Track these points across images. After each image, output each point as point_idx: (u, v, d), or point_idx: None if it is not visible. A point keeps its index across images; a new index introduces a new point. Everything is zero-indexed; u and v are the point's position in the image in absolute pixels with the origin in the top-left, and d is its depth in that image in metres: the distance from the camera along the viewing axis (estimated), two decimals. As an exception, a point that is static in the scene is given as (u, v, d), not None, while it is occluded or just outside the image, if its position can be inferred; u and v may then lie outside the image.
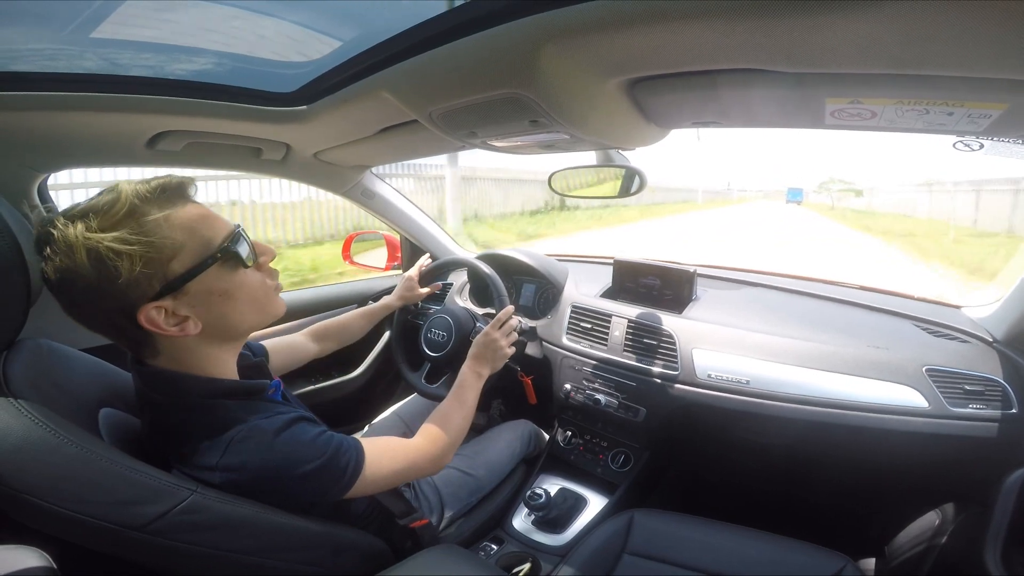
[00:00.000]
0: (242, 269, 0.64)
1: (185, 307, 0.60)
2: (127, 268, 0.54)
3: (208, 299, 0.61)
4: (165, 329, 0.58)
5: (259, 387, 0.71)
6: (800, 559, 0.88)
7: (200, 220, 0.61)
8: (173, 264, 0.58)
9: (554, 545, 1.14)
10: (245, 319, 0.66)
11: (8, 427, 0.51)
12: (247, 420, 0.62)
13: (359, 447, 0.70)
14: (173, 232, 0.58)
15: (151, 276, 0.56)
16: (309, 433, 0.66)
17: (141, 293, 0.56)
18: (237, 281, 0.63)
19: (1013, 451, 0.91)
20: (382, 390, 1.75)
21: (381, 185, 1.55)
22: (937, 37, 0.44)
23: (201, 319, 0.61)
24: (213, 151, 1.10)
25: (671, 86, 0.66)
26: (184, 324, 0.60)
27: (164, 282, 0.57)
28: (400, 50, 0.68)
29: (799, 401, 1.03)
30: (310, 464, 0.63)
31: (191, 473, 0.61)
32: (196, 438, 0.61)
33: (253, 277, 0.66)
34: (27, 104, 0.78)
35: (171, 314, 0.59)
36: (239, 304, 0.64)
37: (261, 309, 0.68)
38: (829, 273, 1.99)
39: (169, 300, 0.58)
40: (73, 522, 0.52)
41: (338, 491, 0.67)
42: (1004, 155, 0.71)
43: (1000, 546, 0.84)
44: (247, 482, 0.61)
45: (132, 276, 0.55)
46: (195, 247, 0.59)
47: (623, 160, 1.07)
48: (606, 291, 1.40)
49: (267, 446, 0.61)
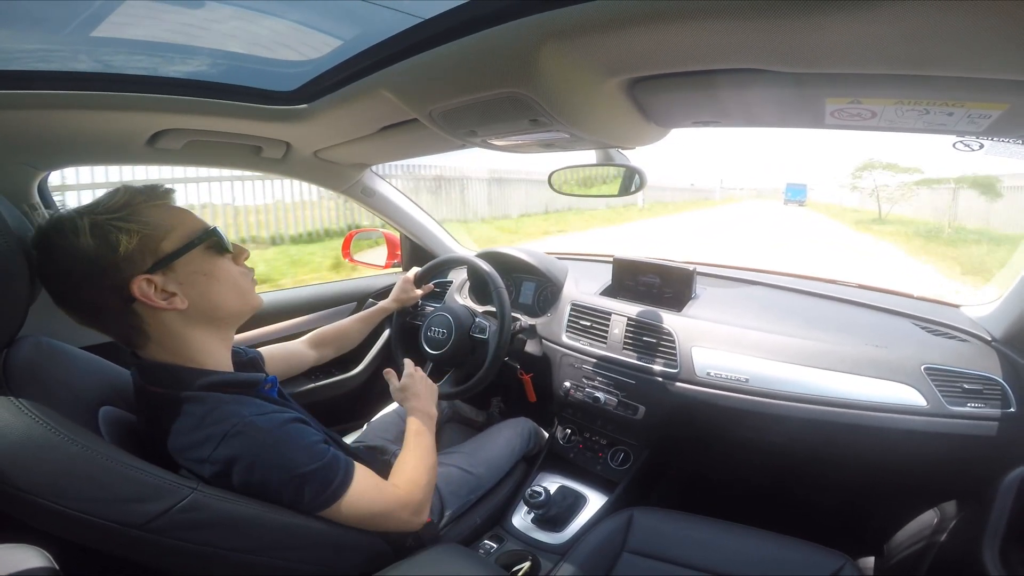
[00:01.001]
0: (224, 256, 0.71)
1: (173, 283, 0.65)
2: (125, 242, 0.61)
3: (194, 278, 0.67)
4: (154, 301, 0.63)
5: (254, 380, 0.73)
6: (799, 558, 0.89)
7: (184, 214, 0.69)
8: (164, 243, 0.64)
9: (554, 543, 1.14)
10: (226, 301, 0.71)
11: (8, 425, 0.51)
12: (242, 415, 0.63)
13: (351, 469, 0.69)
14: (164, 218, 0.65)
15: (144, 252, 0.62)
16: (306, 437, 0.66)
17: (135, 267, 0.62)
18: (219, 265, 0.70)
19: (1011, 450, 0.91)
20: (381, 388, 1.74)
21: (381, 183, 1.55)
22: (937, 37, 0.44)
23: (187, 296, 0.66)
24: (213, 149, 1.10)
25: (671, 86, 0.66)
26: (172, 299, 0.65)
27: (156, 258, 0.63)
28: (400, 49, 0.68)
29: (798, 399, 1.03)
30: (301, 468, 0.63)
31: (186, 465, 0.62)
32: (191, 429, 0.62)
33: (233, 266, 0.72)
34: (27, 103, 0.78)
35: (160, 289, 0.64)
36: (221, 286, 0.70)
37: (241, 296, 0.73)
38: (828, 272, 1.99)
39: (159, 275, 0.63)
40: (73, 520, 0.52)
41: (318, 504, 0.65)
42: (1004, 155, 0.71)
43: (998, 544, 0.84)
44: (236, 476, 0.61)
45: (128, 250, 0.61)
46: (183, 232, 0.67)
47: (623, 159, 1.07)
48: (605, 289, 1.40)
49: (260, 443, 0.62)
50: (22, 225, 0.61)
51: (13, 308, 0.59)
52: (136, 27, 0.73)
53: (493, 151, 1.04)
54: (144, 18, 0.72)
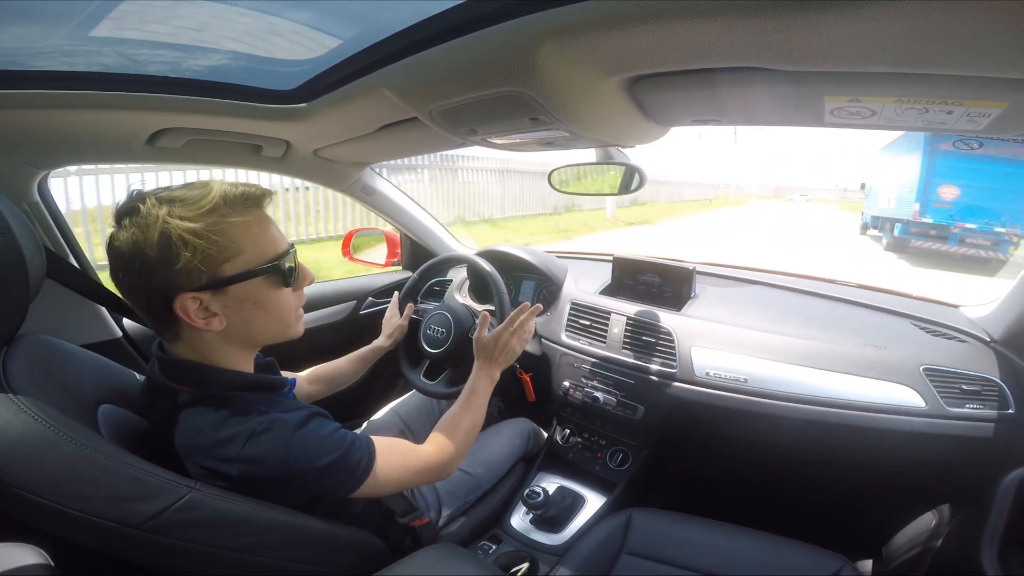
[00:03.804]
0: (282, 288, 0.68)
1: (218, 305, 0.63)
2: (187, 258, 0.58)
3: (242, 305, 0.65)
4: (193, 319, 0.61)
5: (280, 383, 0.74)
6: (798, 559, 0.89)
7: (264, 232, 0.66)
8: (226, 266, 0.62)
9: (552, 544, 1.14)
10: (267, 331, 0.70)
11: (7, 423, 0.51)
12: (268, 413, 0.64)
13: (371, 445, 0.71)
14: (239, 238, 0.62)
15: (202, 271, 0.60)
16: (325, 429, 0.67)
17: (187, 283, 0.60)
18: (273, 296, 0.67)
19: (1010, 451, 0.91)
20: (380, 387, 1.75)
21: (381, 182, 1.55)
22: (936, 36, 0.44)
23: (228, 319, 0.64)
24: (213, 148, 1.10)
25: (671, 84, 0.66)
26: (211, 319, 0.63)
27: (211, 278, 0.61)
28: (400, 48, 0.68)
29: (797, 400, 1.03)
30: (326, 458, 0.64)
31: (209, 465, 0.62)
32: (217, 429, 0.62)
33: (288, 297, 0.69)
34: (27, 102, 0.78)
35: (203, 307, 0.62)
36: (267, 317, 0.68)
37: (283, 327, 0.71)
38: (828, 272, 1.98)
39: (208, 295, 0.62)
40: (71, 519, 0.52)
41: (350, 487, 0.68)
42: (1003, 154, 0.71)
43: (996, 546, 0.84)
44: (265, 474, 0.62)
45: (188, 267, 0.59)
46: (250, 256, 0.64)
47: (623, 157, 1.07)
48: (605, 288, 1.40)
49: (287, 439, 0.63)
50: (22, 223, 0.61)
51: (13, 306, 0.59)
52: (136, 27, 0.73)
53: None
54: (144, 17, 0.72)
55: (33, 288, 0.61)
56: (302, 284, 0.72)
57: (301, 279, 0.71)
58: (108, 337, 1.12)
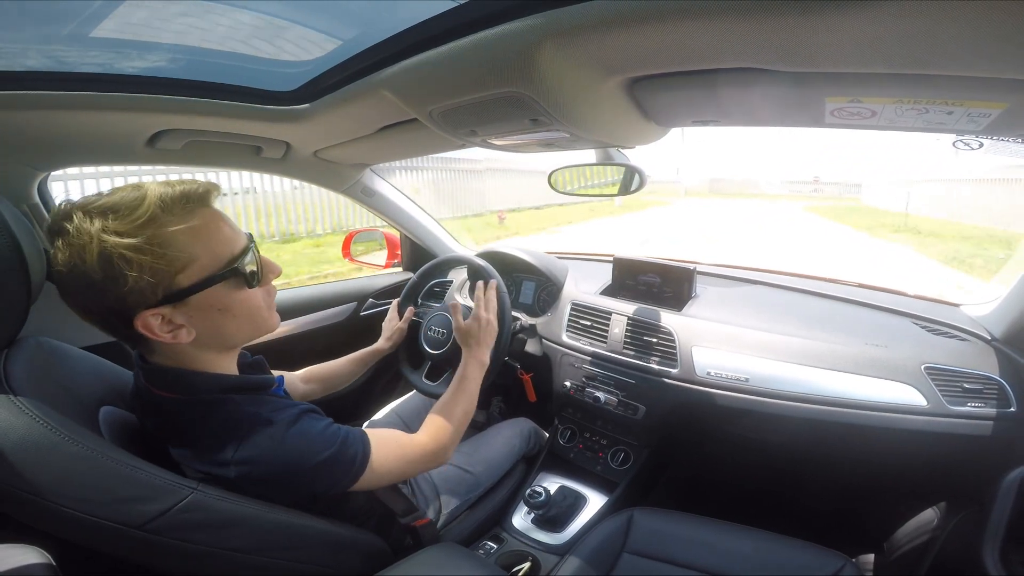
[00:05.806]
0: (246, 288, 0.64)
1: (182, 317, 0.60)
2: (134, 277, 0.54)
3: (207, 313, 0.61)
4: (158, 335, 0.59)
5: (266, 382, 0.72)
6: (800, 558, 0.89)
7: (216, 233, 0.61)
8: (180, 277, 0.58)
9: (553, 544, 1.14)
10: (239, 334, 0.67)
11: (9, 425, 0.51)
12: (258, 414, 0.63)
13: (365, 438, 0.71)
14: (188, 245, 0.57)
15: (156, 286, 0.56)
16: (318, 425, 0.67)
17: (142, 300, 0.56)
18: (239, 298, 0.63)
19: (1011, 449, 0.91)
20: (381, 388, 1.75)
21: (381, 183, 1.55)
22: (936, 37, 0.44)
23: (196, 329, 0.61)
24: (213, 150, 1.10)
25: (671, 85, 0.66)
26: (178, 332, 0.60)
27: (167, 292, 0.57)
28: (400, 49, 0.68)
29: (798, 399, 1.03)
30: (321, 455, 0.64)
31: (204, 469, 0.61)
32: (208, 434, 0.62)
33: (255, 297, 0.66)
34: (27, 103, 0.78)
35: (167, 321, 0.59)
36: (236, 320, 0.64)
37: (256, 326, 0.68)
38: (828, 271, 1.98)
39: (168, 308, 0.58)
40: (73, 520, 0.52)
41: (348, 481, 0.68)
42: (1004, 154, 0.71)
43: (998, 545, 0.84)
44: (261, 475, 0.61)
45: (137, 285, 0.55)
46: (206, 262, 0.59)
47: (623, 158, 1.07)
48: (606, 288, 1.40)
49: (280, 439, 0.62)
50: (22, 225, 0.61)
51: (13, 308, 0.59)
52: (136, 27, 0.73)
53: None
54: (145, 18, 0.72)
55: (34, 290, 0.61)
56: (268, 279, 0.68)
57: (266, 274, 0.68)
58: (108, 339, 1.12)
